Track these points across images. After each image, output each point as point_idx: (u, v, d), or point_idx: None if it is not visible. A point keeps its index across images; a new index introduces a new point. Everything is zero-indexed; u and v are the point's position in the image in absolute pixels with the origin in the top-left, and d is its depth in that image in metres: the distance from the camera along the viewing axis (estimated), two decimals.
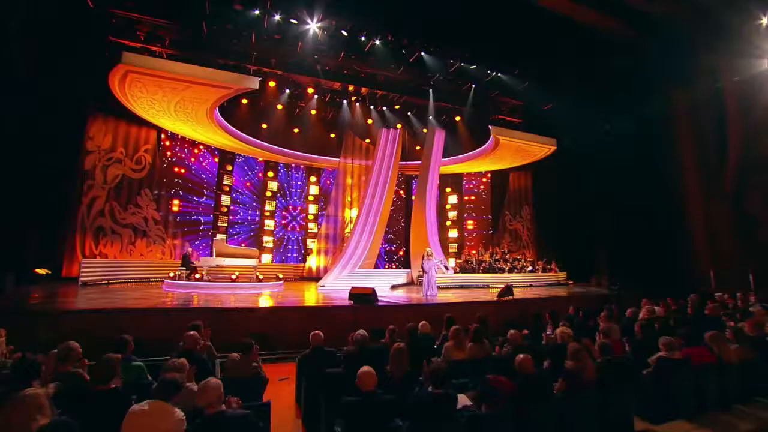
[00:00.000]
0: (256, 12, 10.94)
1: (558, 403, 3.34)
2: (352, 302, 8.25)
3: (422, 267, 11.17)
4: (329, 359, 3.95)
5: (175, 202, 14.70)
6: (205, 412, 2.22)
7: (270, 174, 17.84)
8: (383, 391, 2.89)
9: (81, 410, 2.36)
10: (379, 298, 8.60)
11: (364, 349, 3.93)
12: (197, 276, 11.19)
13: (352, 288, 8.75)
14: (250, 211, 17.29)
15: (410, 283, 14.39)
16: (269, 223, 17.56)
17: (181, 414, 2.24)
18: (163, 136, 14.28)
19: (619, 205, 15.76)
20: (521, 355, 3.52)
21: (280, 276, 12.89)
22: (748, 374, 4.14)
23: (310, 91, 15.08)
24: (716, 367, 4.06)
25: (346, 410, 2.66)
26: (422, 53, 13.39)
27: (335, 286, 12.76)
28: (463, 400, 3.16)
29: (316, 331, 4.24)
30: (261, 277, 11.77)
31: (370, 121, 17.06)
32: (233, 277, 11.44)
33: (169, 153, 14.65)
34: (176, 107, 11.92)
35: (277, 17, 11.18)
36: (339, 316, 7.47)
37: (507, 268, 15.67)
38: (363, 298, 8.22)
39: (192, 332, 3.81)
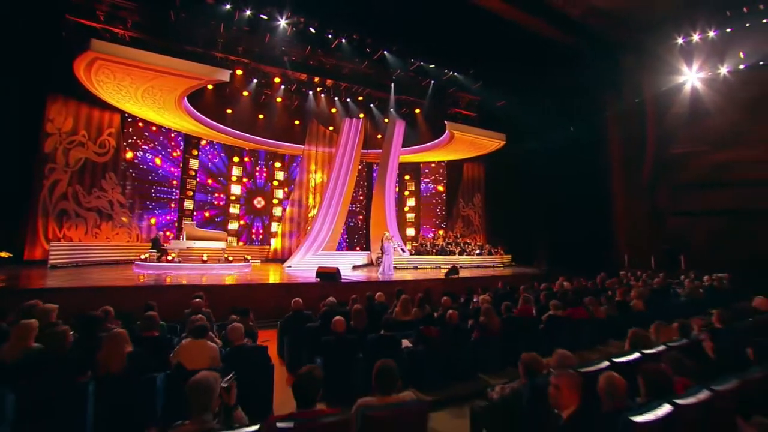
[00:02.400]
0: (228, 7, 11.33)
1: (473, 345, 4.75)
2: (319, 280, 9.37)
3: (381, 249, 12.49)
4: (306, 319, 5.09)
5: (141, 185, 14.85)
6: (233, 344, 3.32)
7: (235, 159, 18.21)
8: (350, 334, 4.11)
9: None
10: (343, 277, 9.79)
11: (334, 311, 5.10)
12: (168, 258, 11.74)
13: (319, 267, 9.84)
14: (215, 195, 17.67)
15: (370, 264, 15.65)
16: (235, 206, 18.04)
17: (214, 345, 3.30)
18: (127, 119, 14.26)
19: (558, 198, 17.88)
20: (450, 311, 4.89)
21: (248, 257, 13.64)
22: (609, 326, 5.81)
23: (277, 80, 15.59)
24: (588, 321, 5.69)
25: (324, 346, 3.83)
26: (385, 52, 14.37)
27: (301, 267, 13.77)
28: (405, 343, 4.48)
29: (296, 298, 5.35)
30: (231, 258, 12.51)
31: (334, 111, 17.78)
32: (204, 258, 12.10)
33: (133, 137, 14.66)
34: (144, 94, 12.07)
35: (248, 12, 11.65)
36: (308, 291, 8.57)
37: (458, 251, 17.35)
38: (329, 276, 9.36)
39: (197, 300, 4.81)
